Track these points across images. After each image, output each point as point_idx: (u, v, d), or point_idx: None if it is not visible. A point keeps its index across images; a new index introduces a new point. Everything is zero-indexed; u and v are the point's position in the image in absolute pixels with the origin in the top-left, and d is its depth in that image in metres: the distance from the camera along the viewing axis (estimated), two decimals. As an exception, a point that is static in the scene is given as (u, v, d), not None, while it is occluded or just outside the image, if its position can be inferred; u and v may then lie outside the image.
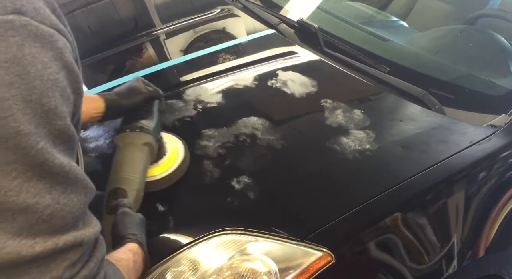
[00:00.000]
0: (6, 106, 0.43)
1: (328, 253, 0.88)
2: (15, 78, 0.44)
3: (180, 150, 1.04)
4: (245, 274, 0.86)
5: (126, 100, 0.99)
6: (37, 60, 0.46)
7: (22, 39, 0.45)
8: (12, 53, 0.44)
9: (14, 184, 0.45)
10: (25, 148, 0.45)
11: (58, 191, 0.48)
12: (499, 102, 1.36)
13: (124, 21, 1.89)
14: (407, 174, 1.04)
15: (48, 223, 0.47)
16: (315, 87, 1.33)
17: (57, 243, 0.48)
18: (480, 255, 1.16)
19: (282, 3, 1.88)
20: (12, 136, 0.44)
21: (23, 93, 0.45)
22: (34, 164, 0.46)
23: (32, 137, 0.45)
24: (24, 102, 0.45)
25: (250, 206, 0.98)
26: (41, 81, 0.46)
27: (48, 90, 0.47)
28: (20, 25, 0.45)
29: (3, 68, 0.43)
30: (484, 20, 1.82)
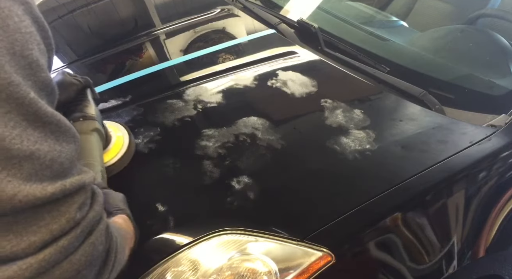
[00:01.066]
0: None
1: (328, 253, 0.88)
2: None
3: (124, 136, 1.07)
4: (245, 274, 0.86)
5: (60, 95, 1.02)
6: (13, 13, 0.47)
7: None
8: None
9: (15, 132, 0.46)
10: (18, 98, 0.46)
11: (53, 139, 0.50)
12: (499, 102, 1.36)
13: (124, 21, 1.89)
14: (407, 174, 1.04)
15: (50, 168, 0.50)
16: (315, 87, 1.33)
17: (64, 184, 0.51)
18: (480, 255, 1.16)
19: (282, 3, 1.88)
20: (5, 87, 0.45)
21: (7, 46, 0.46)
22: (28, 113, 0.47)
23: (23, 88, 0.46)
24: (9, 54, 0.46)
25: (250, 206, 0.98)
26: (20, 33, 0.47)
27: (28, 42, 0.48)
28: None
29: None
30: (484, 20, 1.82)
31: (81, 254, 0.54)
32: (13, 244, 0.48)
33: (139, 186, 1.05)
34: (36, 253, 0.49)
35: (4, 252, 0.48)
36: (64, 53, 1.68)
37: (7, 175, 0.46)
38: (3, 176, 0.46)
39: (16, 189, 0.47)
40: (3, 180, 0.46)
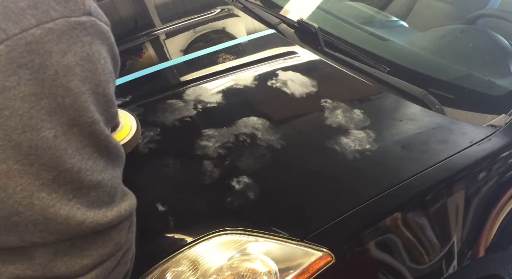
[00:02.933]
0: (83, 99, 0.49)
1: (328, 253, 0.88)
2: (89, 74, 0.49)
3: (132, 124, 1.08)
4: (245, 274, 0.86)
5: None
6: (101, 56, 0.51)
7: (92, 38, 0.50)
8: (86, 52, 0.49)
9: (89, 164, 0.51)
10: (96, 134, 0.51)
11: (113, 166, 0.55)
12: (499, 102, 1.36)
13: (124, 21, 1.89)
14: (407, 174, 1.04)
15: (109, 195, 0.54)
16: (315, 87, 1.33)
17: (119, 210, 0.55)
18: (480, 255, 1.16)
19: (282, 3, 1.88)
20: (88, 125, 0.50)
21: (93, 87, 0.50)
22: (100, 146, 0.52)
23: (101, 124, 0.52)
24: (94, 94, 0.50)
25: (250, 206, 0.98)
26: (105, 75, 0.52)
27: (108, 82, 0.53)
28: (90, 25, 0.50)
29: (80, 66, 0.48)
30: (484, 20, 1.82)
31: (117, 272, 0.59)
32: (67, 265, 0.52)
33: (139, 186, 1.05)
34: (85, 274, 0.53)
35: (58, 272, 0.52)
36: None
37: (76, 203, 0.50)
38: (73, 204, 0.50)
39: (84, 216, 0.50)
40: (73, 207, 0.50)
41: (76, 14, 0.48)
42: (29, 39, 0.45)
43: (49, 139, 0.47)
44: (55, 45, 0.46)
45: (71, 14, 0.48)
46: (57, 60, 0.46)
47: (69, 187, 0.49)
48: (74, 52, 0.48)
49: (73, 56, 0.47)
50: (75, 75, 0.48)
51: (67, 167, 0.48)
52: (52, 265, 0.51)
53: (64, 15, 0.47)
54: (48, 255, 0.51)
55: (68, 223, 0.49)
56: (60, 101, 0.47)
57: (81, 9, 0.49)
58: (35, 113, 0.45)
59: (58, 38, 0.46)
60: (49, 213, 0.48)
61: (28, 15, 0.45)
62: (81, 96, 0.48)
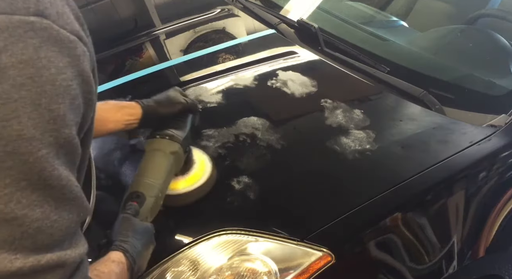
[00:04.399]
0: (12, 107, 0.42)
1: (328, 253, 0.88)
2: (27, 80, 0.43)
3: (207, 166, 1.03)
4: (245, 274, 0.86)
5: (164, 108, 0.98)
6: (52, 64, 0.44)
7: (40, 42, 0.44)
8: (28, 55, 0.43)
9: (5, 191, 0.42)
10: (23, 153, 0.43)
11: (51, 206, 0.45)
12: (499, 102, 1.36)
13: (124, 21, 1.89)
14: (407, 174, 1.04)
15: (32, 238, 0.44)
16: (315, 87, 1.33)
17: (40, 260, 0.45)
18: (480, 255, 1.16)
19: (282, 3, 1.88)
20: (13, 139, 0.42)
21: (32, 97, 0.43)
22: (31, 173, 0.43)
23: (34, 143, 0.43)
24: (33, 105, 0.43)
25: (250, 206, 0.98)
26: (53, 86, 0.44)
27: (59, 96, 0.45)
28: (41, 27, 0.44)
29: (17, 69, 0.42)
30: (484, 20, 1.82)
31: None
32: None
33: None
34: None
35: None
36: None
37: None
38: None
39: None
40: None
41: (22, 12, 0.43)
42: None
43: None
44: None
45: (15, 11, 0.43)
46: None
47: None
48: (11, 53, 0.42)
49: (9, 57, 0.42)
50: (7, 78, 0.42)
51: None
52: None
53: (6, 11, 0.42)
54: None
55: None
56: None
57: (30, 8, 0.44)
58: None
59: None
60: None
61: None
62: (9, 103, 0.42)
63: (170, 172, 0.92)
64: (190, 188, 0.97)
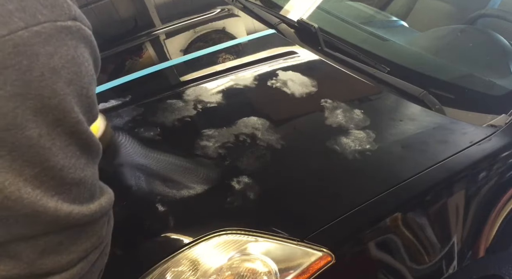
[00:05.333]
0: (68, 100, 0.50)
1: (328, 253, 0.88)
2: (74, 76, 0.50)
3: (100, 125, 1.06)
4: (245, 274, 0.86)
5: None
6: (84, 59, 0.52)
7: (77, 42, 0.51)
8: (71, 55, 0.50)
9: (72, 162, 0.52)
10: (80, 133, 0.52)
11: (93, 164, 0.56)
12: (499, 102, 1.36)
13: (124, 21, 1.89)
14: (407, 174, 1.04)
15: (90, 191, 0.55)
16: (315, 87, 1.33)
17: (101, 203, 0.57)
18: (480, 255, 1.16)
19: (282, 3, 1.88)
20: (72, 125, 0.51)
21: (77, 89, 0.51)
22: (83, 144, 0.53)
23: (84, 124, 0.53)
24: (78, 96, 0.51)
25: (250, 206, 0.98)
26: (88, 77, 0.53)
27: (91, 84, 0.54)
28: (75, 29, 0.51)
29: (66, 68, 0.49)
30: (484, 20, 1.82)
31: (98, 263, 0.61)
32: (54, 261, 0.54)
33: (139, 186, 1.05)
34: (71, 268, 0.56)
35: (45, 269, 0.54)
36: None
37: (59, 199, 0.51)
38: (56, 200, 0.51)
39: (70, 208, 0.52)
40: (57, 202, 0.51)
41: (63, 18, 0.50)
42: (17, 41, 0.46)
43: (33, 137, 0.48)
44: (42, 47, 0.47)
45: (57, 19, 0.49)
46: (43, 62, 0.47)
47: (51, 184, 0.51)
48: (60, 55, 0.49)
49: (59, 59, 0.49)
50: (61, 77, 0.49)
51: (50, 165, 0.50)
52: (39, 263, 0.53)
53: (51, 19, 0.48)
54: (34, 254, 0.53)
55: (57, 215, 0.51)
56: (45, 102, 0.48)
57: (67, 14, 0.50)
58: (20, 112, 0.47)
59: (45, 41, 0.48)
60: (39, 206, 0.49)
61: (16, 18, 0.46)
62: (66, 97, 0.50)
63: None
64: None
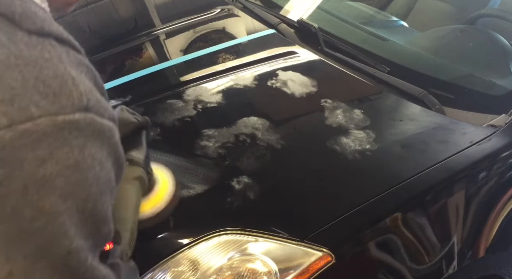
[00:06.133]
0: (60, 222, 0.38)
1: (328, 253, 0.88)
2: (74, 187, 0.39)
3: (170, 182, 0.97)
4: (245, 274, 0.86)
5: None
6: (96, 162, 0.41)
7: (85, 140, 0.40)
8: (73, 158, 0.39)
9: None
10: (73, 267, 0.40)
11: None
12: (499, 102, 1.36)
13: (124, 21, 1.89)
14: (407, 174, 1.04)
15: None
16: (315, 87, 1.33)
17: None
18: (480, 255, 1.16)
19: (282, 3, 1.88)
20: (62, 256, 0.39)
21: (79, 204, 0.40)
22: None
23: (82, 254, 0.40)
24: (78, 213, 0.40)
25: (250, 206, 0.98)
26: (97, 185, 0.41)
27: (102, 195, 0.42)
28: (85, 124, 0.40)
29: (64, 177, 0.38)
30: (484, 20, 1.82)
31: None
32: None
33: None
34: None
35: None
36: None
37: None
38: None
39: None
40: None
41: (67, 110, 0.38)
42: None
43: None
44: (30, 151, 0.36)
45: (59, 111, 0.38)
46: (29, 171, 0.36)
47: None
48: (57, 160, 0.38)
49: (54, 165, 0.38)
50: (54, 190, 0.38)
51: None
52: None
53: (49, 112, 0.37)
54: None
55: None
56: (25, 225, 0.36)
57: (75, 104, 0.39)
58: None
59: (35, 142, 0.37)
60: None
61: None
62: (56, 218, 0.38)
63: (138, 199, 0.86)
64: (156, 209, 0.92)
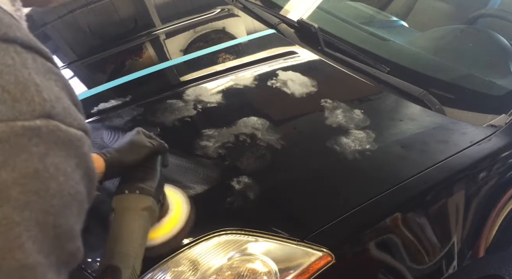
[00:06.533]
0: (15, 233, 0.35)
1: (328, 253, 0.88)
2: (33, 197, 0.36)
3: (183, 206, 0.94)
4: (245, 274, 0.86)
5: (129, 156, 0.84)
6: (59, 172, 0.38)
7: (47, 148, 0.37)
8: (32, 167, 0.37)
9: None
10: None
11: None
12: (499, 102, 1.36)
13: (124, 21, 1.89)
14: (407, 174, 1.04)
15: None
16: (315, 87, 1.33)
17: None
18: (480, 255, 1.16)
19: (282, 3, 1.88)
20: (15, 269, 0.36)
21: (38, 216, 0.37)
22: None
23: (39, 270, 0.37)
24: (38, 225, 0.37)
25: (250, 206, 0.98)
26: (61, 197, 0.39)
27: (66, 207, 0.39)
28: (47, 131, 0.38)
29: (20, 186, 0.36)
30: (484, 20, 1.82)
31: None
32: None
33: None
34: None
35: None
36: (64, 53, 1.68)
37: None
38: None
39: None
40: None
41: (27, 116, 0.36)
42: None
43: None
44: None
45: (18, 117, 0.36)
46: None
47: None
48: (13, 167, 0.35)
49: (10, 173, 0.35)
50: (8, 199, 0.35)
51: None
52: None
53: (7, 117, 0.35)
54: None
55: None
56: None
57: (36, 111, 0.37)
58: None
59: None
60: None
61: None
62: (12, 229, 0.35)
63: (145, 231, 0.81)
64: (169, 235, 0.89)
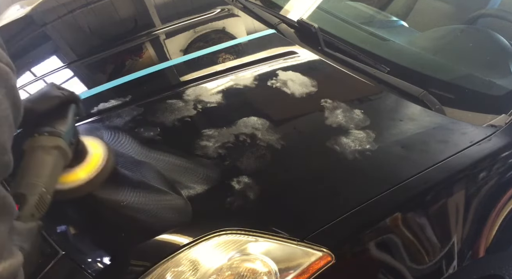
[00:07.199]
0: None
1: (328, 253, 0.88)
2: None
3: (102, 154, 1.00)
4: (245, 274, 0.86)
5: (40, 105, 0.91)
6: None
7: None
8: None
9: None
10: None
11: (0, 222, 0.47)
12: (499, 102, 1.36)
13: (124, 21, 1.89)
14: (407, 174, 1.04)
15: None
16: (315, 87, 1.33)
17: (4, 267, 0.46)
18: (480, 255, 1.16)
19: (282, 3, 1.88)
20: None
21: None
22: None
23: None
24: None
25: (250, 206, 0.98)
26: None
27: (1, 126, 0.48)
28: None
29: None
30: (484, 20, 1.82)
31: None
32: None
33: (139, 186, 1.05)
34: None
35: None
36: (64, 53, 1.68)
37: None
38: None
39: None
40: None
41: None
42: None
43: None
44: None
45: None
46: None
47: None
48: None
49: None
50: None
51: None
52: None
53: None
54: None
55: None
56: None
57: None
58: None
59: None
60: None
61: None
62: None
63: (55, 167, 0.87)
64: (86, 178, 0.94)
